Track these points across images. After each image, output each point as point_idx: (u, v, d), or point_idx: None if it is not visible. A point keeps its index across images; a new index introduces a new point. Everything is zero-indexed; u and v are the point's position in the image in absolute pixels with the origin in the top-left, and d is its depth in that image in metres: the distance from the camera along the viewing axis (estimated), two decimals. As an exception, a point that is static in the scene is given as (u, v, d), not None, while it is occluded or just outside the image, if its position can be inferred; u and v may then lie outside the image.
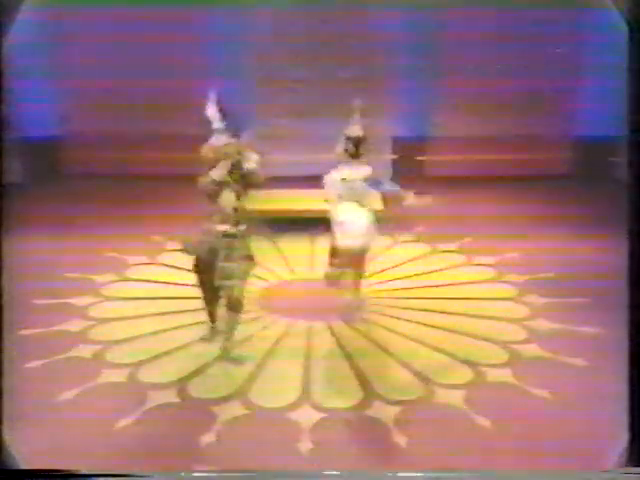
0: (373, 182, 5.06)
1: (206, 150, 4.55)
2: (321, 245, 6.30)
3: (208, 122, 4.64)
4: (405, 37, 8.03)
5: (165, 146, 8.11)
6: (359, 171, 5.01)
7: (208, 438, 3.91)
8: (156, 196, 7.59)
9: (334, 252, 5.31)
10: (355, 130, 5.03)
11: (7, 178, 7.32)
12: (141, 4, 7.60)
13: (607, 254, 5.22)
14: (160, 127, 8.09)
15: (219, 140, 4.56)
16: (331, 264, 5.42)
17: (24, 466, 3.32)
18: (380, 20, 8.04)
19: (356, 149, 5.00)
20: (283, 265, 6.21)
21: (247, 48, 7.95)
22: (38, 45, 7.90)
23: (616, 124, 3.81)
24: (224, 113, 4.63)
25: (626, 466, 3.11)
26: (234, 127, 4.56)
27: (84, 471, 3.26)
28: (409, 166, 8.37)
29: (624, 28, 3.15)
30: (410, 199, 4.99)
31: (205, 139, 4.66)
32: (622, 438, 3.13)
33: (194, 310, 5.30)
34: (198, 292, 4.78)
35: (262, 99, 8.11)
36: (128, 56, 7.79)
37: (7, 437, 3.29)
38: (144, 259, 6.29)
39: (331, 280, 5.49)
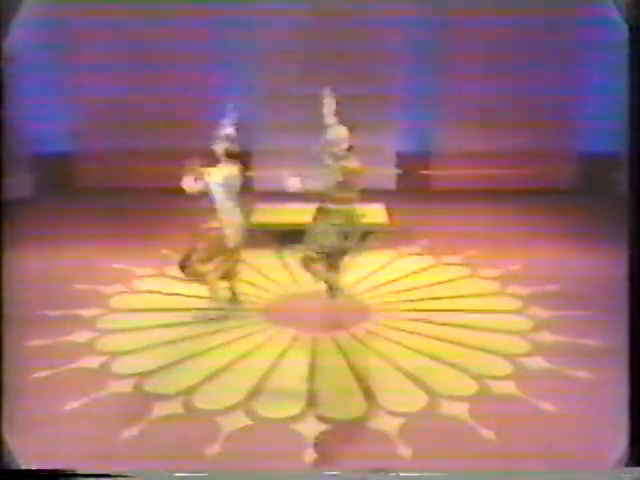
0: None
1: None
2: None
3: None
4: (408, 52, 8.12)
5: (175, 160, 8.19)
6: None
7: (212, 449, 3.93)
8: (165, 209, 7.65)
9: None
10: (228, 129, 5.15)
11: (18, 192, 7.56)
12: (150, 21, 7.74)
13: (610, 267, 5.25)
14: (170, 142, 8.17)
15: (338, 131, 5.04)
16: None
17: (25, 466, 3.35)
18: (382, 36, 8.14)
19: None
20: (287, 277, 6.25)
21: (249, 65, 8.06)
22: (49, 60, 8.02)
23: (617, 139, 3.86)
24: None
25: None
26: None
27: (81, 471, 3.27)
28: (413, 180, 8.45)
29: (624, 29, 3.16)
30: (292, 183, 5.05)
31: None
32: (621, 446, 3.15)
33: (200, 322, 5.37)
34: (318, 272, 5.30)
35: (263, 114, 8.21)
36: (138, 72, 7.89)
37: (11, 445, 3.32)
38: (152, 271, 6.34)
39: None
